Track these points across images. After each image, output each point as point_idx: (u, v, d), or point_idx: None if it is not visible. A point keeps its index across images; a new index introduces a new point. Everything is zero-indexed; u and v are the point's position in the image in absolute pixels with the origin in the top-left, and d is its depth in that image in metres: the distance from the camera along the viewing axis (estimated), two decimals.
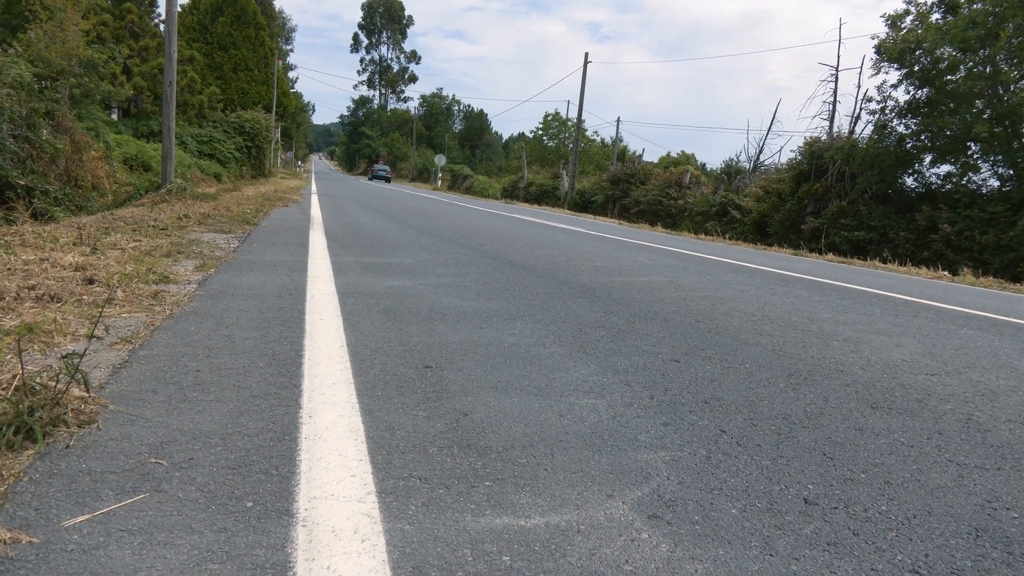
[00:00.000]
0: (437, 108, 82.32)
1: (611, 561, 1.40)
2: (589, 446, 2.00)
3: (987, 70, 14.09)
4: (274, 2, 55.43)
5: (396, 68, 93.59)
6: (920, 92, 15.45)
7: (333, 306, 3.73)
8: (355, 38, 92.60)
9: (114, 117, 19.73)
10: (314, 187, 23.78)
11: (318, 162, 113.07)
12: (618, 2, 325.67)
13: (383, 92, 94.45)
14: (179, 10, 13.69)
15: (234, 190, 16.62)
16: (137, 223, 7.01)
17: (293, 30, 75.54)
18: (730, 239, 15.47)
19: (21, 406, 1.79)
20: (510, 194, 36.52)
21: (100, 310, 3.08)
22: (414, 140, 73.51)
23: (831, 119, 18.72)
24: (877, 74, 16.13)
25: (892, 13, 15.81)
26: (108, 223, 6.78)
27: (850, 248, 14.53)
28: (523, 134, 65.29)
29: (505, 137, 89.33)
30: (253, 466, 1.70)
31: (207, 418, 1.99)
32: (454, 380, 2.54)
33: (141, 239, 5.83)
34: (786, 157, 24.86)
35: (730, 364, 3.07)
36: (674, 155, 45.59)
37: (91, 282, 3.76)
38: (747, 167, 23.11)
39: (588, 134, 47.04)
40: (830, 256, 11.78)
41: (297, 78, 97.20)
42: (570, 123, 47.21)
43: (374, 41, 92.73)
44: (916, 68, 15.14)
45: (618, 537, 1.49)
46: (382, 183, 45.11)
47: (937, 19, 15.21)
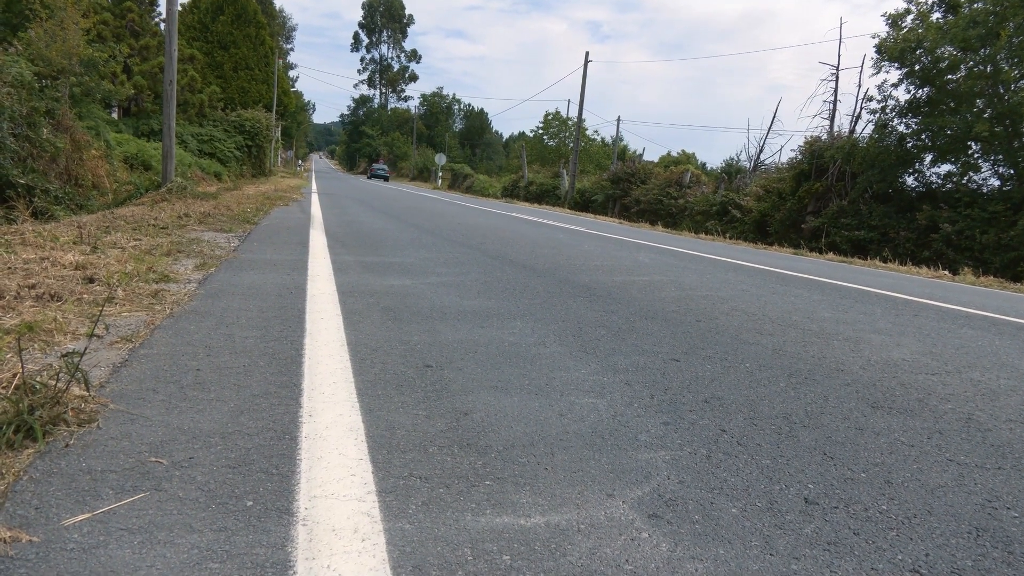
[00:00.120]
0: (437, 107, 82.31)
1: (611, 560, 1.39)
2: (589, 445, 2.00)
3: (988, 69, 14.08)
4: (274, 1, 55.43)
5: (396, 67, 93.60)
6: (921, 91, 15.45)
7: (333, 305, 3.73)
8: (355, 37, 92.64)
9: (114, 116, 19.74)
10: (314, 186, 23.77)
11: (318, 161, 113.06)
12: (619, 1, 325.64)
13: (383, 91, 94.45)
14: (179, 9, 13.68)
15: (234, 189, 16.62)
16: (137, 222, 7.01)
17: (293, 29, 75.61)
18: (730, 238, 15.46)
19: (21, 405, 1.79)
20: (510, 193, 36.51)
21: (100, 309, 3.08)
22: (414, 139, 73.49)
23: (832, 118, 18.72)
24: (878, 73, 16.15)
25: (893, 12, 15.82)
26: (108, 222, 6.78)
27: (850, 248, 14.53)
28: (523, 133, 65.30)
29: (505, 136, 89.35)
30: (253, 465, 1.70)
31: (207, 417, 1.99)
32: (454, 379, 2.54)
33: (141, 238, 5.83)
34: (787, 156, 24.87)
35: (730, 363, 3.07)
36: (674, 154, 45.61)
37: (91, 281, 3.76)
38: (747, 166, 23.10)
39: (588, 133, 47.03)
40: (831, 255, 11.78)
41: (297, 77, 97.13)
42: (570, 122, 47.19)
43: (375, 40, 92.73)
44: (917, 67, 15.14)
45: (618, 536, 1.49)
46: (380, 181, 46.79)
47: (938, 18, 15.21)
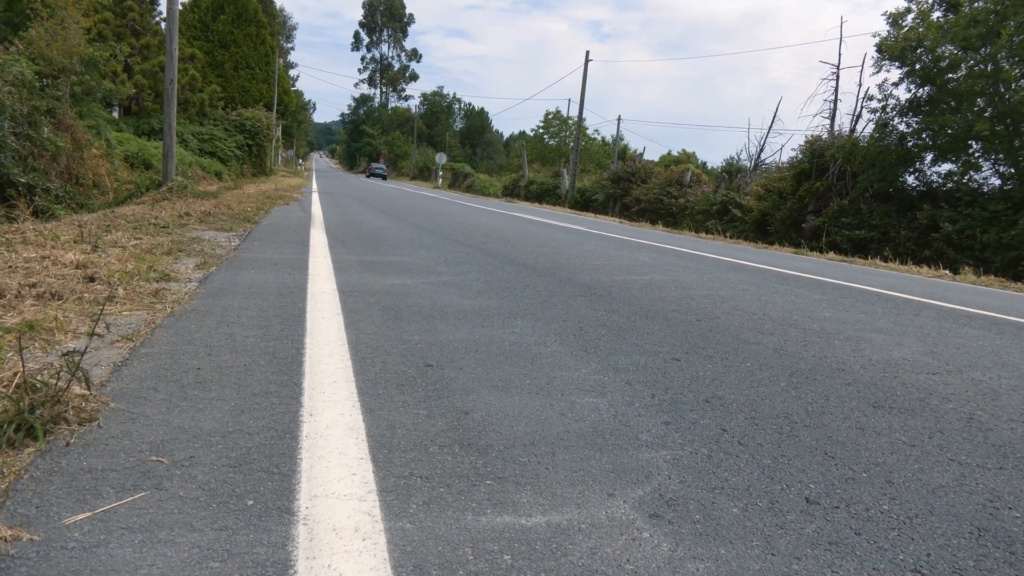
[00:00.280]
0: (438, 106, 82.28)
1: (612, 560, 1.39)
2: (590, 445, 2.00)
3: (988, 68, 14.06)
4: (275, 0, 55.42)
5: (397, 66, 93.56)
6: (921, 90, 15.44)
7: (334, 304, 3.72)
8: (356, 36, 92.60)
9: (115, 115, 19.74)
10: (315, 185, 23.77)
11: (319, 160, 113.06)
12: (619, 1, 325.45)
13: (384, 90, 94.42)
14: (180, 8, 13.68)
15: (235, 188, 16.62)
16: (138, 221, 7.01)
17: (294, 28, 75.63)
18: (731, 238, 15.46)
19: (22, 404, 1.79)
20: (511, 192, 36.50)
21: (101, 308, 3.08)
22: (415, 138, 73.47)
23: (832, 117, 18.71)
24: (878, 72, 16.13)
25: (893, 11, 15.79)
26: (109, 221, 6.78)
27: (851, 247, 14.52)
28: (524, 132, 65.31)
29: (506, 135, 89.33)
30: (254, 464, 1.70)
31: (208, 416, 1.99)
32: (455, 379, 2.53)
33: (142, 237, 5.83)
34: (787, 156, 24.86)
35: (731, 363, 3.06)
36: (675, 153, 45.60)
37: (92, 280, 3.76)
38: (748, 166, 23.08)
39: (589, 132, 47.00)
40: (831, 255, 11.77)
41: (298, 76, 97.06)
42: (571, 121, 47.19)
43: (375, 39, 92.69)
44: (917, 66, 15.12)
45: (619, 536, 1.49)
46: (379, 180, 48.82)
47: (938, 17, 15.18)
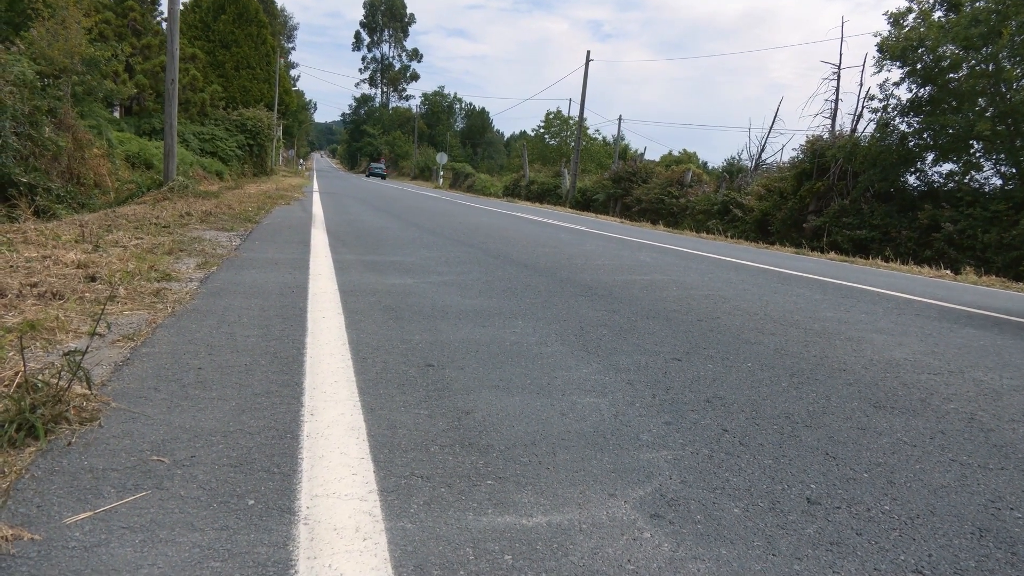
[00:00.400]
0: (439, 106, 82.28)
1: (613, 560, 1.39)
2: (591, 445, 1.99)
3: (990, 68, 14.05)
4: (276, 0, 55.44)
5: (398, 66, 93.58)
6: (922, 90, 15.42)
7: (335, 304, 3.72)
8: (357, 36, 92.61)
9: (116, 115, 19.76)
10: (316, 185, 23.78)
11: (320, 160, 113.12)
12: (620, 0, 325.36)
13: (385, 90, 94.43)
14: (181, 8, 13.68)
15: (236, 188, 16.63)
16: (139, 221, 7.01)
17: (295, 28, 75.61)
18: (732, 238, 15.45)
19: (23, 403, 1.79)
20: (512, 192, 36.50)
21: (102, 308, 3.08)
22: (416, 138, 73.48)
23: (833, 117, 18.70)
24: (879, 72, 16.13)
25: (894, 11, 15.78)
26: (110, 221, 6.78)
27: (852, 247, 14.52)
28: (525, 132, 65.34)
29: (507, 135, 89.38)
30: (255, 464, 1.70)
31: (209, 416, 1.99)
32: (456, 378, 2.53)
33: (143, 237, 5.83)
34: (788, 155, 24.81)
35: (732, 363, 3.06)
36: (676, 153, 45.57)
37: (93, 279, 3.76)
38: (749, 166, 23.07)
39: (590, 132, 46.98)
40: (832, 255, 11.77)
41: (299, 76, 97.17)
42: (572, 121, 47.18)
43: (376, 39, 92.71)
44: (918, 66, 15.10)
45: (620, 536, 1.49)
46: (378, 180, 50.18)
47: (939, 17, 15.17)
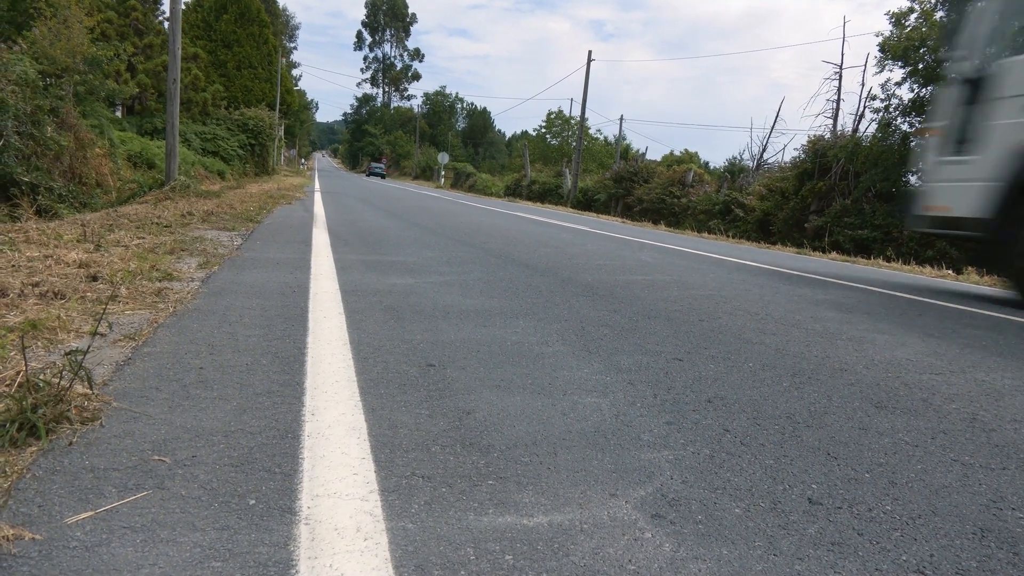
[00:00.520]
0: (440, 106, 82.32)
1: (614, 560, 1.39)
2: (592, 445, 1.99)
3: None
4: (278, 0, 55.48)
5: (400, 66, 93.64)
6: (924, 90, 15.40)
7: (336, 304, 3.72)
8: (358, 36, 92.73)
9: (118, 114, 19.79)
10: (317, 185, 23.79)
11: (321, 160, 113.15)
12: (622, 0, 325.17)
13: (386, 90, 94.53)
14: (183, 8, 13.69)
15: (237, 187, 16.65)
16: (141, 220, 7.02)
17: (296, 28, 75.76)
18: (733, 238, 15.44)
19: (24, 403, 1.79)
20: (513, 192, 36.51)
21: (104, 307, 3.09)
22: (417, 138, 73.50)
23: (835, 117, 18.70)
24: (881, 72, 16.14)
25: (896, 11, 15.78)
26: (112, 220, 6.79)
27: (854, 247, 14.51)
28: (526, 132, 65.38)
29: (508, 135, 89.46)
30: (256, 464, 1.70)
31: (210, 415, 1.99)
32: (457, 378, 2.53)
33: (145, 236, 5.83)
34: (790, 155, 24.81)
35: (734, 363, 3.06)
36: (677, 153, 45.57)
37: (95, 279, 3.77)
38: (750, 165, 23.06)
39: (591, 132, 46.98)
40: (834, 255, 11.76)
41: (300, 76, 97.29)
42: (573, 121, 47.17)
43: (378, 39, 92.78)
44: (920, 66, 15.09)
45: (621, 536, 1.49)
46: (378, 179, 52.04)
47: (941, 17, 15.14)
